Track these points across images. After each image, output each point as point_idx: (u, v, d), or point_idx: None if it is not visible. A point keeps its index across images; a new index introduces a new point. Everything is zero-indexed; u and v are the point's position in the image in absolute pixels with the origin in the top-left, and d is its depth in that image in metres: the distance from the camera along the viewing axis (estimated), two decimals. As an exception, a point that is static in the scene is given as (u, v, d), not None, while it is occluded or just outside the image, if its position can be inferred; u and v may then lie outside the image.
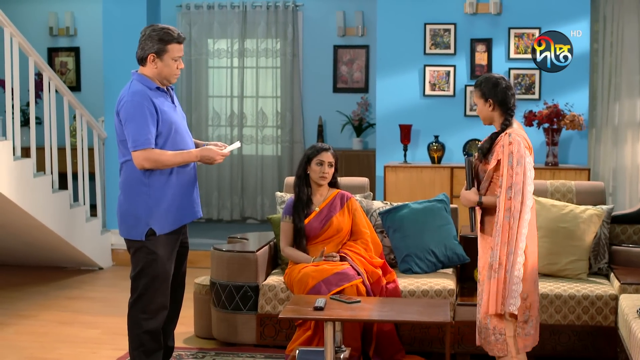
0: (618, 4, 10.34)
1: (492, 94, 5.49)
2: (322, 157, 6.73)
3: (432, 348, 6.60)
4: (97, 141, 10.06)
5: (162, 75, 5.43)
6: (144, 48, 5.43)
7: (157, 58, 5.39)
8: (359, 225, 6.81)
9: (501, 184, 5.33)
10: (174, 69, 5.44)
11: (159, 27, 5.43)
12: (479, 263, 5.60)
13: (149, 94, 5.36)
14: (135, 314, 5.48)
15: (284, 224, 6.81)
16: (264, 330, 6.75)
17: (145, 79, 5.42)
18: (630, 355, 5.64)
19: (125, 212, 5.44)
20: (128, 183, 5.42)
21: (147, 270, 5.42)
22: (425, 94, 9.78)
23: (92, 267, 9.91)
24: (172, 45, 5.40)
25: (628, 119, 10.39)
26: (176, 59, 5.44)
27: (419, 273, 6.97)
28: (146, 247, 5.40)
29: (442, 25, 9.74)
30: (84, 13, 12.70)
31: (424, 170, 9.42)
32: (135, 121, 5.27)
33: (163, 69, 5.41)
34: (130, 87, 5.41)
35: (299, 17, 12.28)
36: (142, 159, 5.27)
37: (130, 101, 5.31)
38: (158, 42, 5.38)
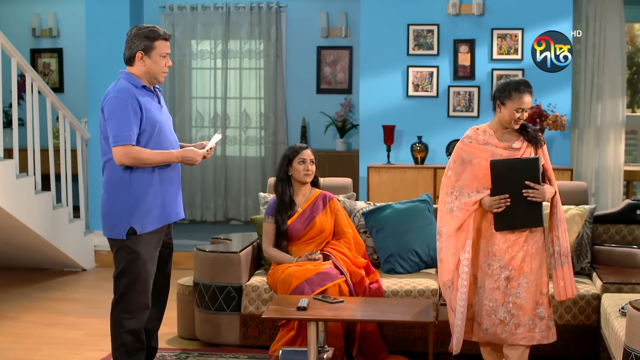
0: (600, 5, 10.39)
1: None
2: (304, 156, 6.78)
3: (415, 348, 6.63)
4: (80, 142, 10.05)
5: (150, 72, 5.45)
6: (131, 47, 5.44)
7: (145, 55, 5.41)
8: (342, 225, 6.84)
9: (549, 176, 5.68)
10: (162, 66, 5.46)
11: (144, 26, 5.46)
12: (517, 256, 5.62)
13: (135, 92, 5.36)
14: (117, 313, 5.48)
15: (266, 224, 6.82)
16: (247, 330, 6.76)
17: (133, 77, 5.43)
18: (612, 354, 5.67)
19: (107, 211, 5.45)
20: (110, 181, 5.41)
21: (129, 270, 5.42)
22: (408, 95, 9.81)
23: (75, 269, 9.89)
24: (159, 42, 5.43)
25: (610, 120, 10.44)
26: (164, 55, 5.46)
27: (402, 273, 7.01)
28: (127, 247, 5.40)
29: (425, 26, 9.77)
30: (66, 14, 12.68)
31: (407, 171, 9.44)
32: (118, 117, 5.27)
33: (151, 66, 5.43)
34: (117, 84, 5.42)
35: (283, 18, 12.29)
36: (122, 154, 5.27)
37: (115, 97, 5.32)
38: (145, 40, 5.40)
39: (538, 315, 5.60)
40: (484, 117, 9.65)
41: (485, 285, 5.64)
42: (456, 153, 5.73)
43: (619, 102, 10.42)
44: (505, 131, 5.71)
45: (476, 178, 5.64)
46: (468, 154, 5.68)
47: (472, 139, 5.71)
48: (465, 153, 5.69)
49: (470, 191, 5.63)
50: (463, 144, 5.72)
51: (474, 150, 5.67)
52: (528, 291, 5.57)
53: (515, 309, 5.58)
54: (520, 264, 5.58)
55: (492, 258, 5.63)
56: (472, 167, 5.66)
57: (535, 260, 5.60)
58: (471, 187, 5.64)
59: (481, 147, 5.67)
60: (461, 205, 5.62)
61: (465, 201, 5.63)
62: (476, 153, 5.66)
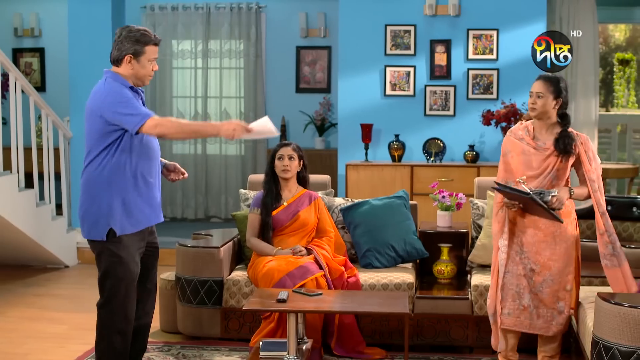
0: (574, 6, 10.57)
1: (564, 94, 5.83)
2: (282, 152, 6.97)
3: (392, 340, 6.77)
4: (63, 141, 10.15)
5: (137, 76, 5.39)
6: (120, 49, 5.36)
7: (133, 59, 5.34)
8: (324, 223, 7.02)
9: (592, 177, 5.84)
10: (149, 70, 5.41)
11: (136, 29, 5.39)
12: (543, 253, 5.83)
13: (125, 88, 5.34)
14: (104, 315, 5.44)
15: (251, 215, 6.99)
16: (228, 323, 6.91)
17: (120, 77, 5.36)
18: (582, 344, 5.85)
19: (85, 212, 5.41)
20: (90, 182, 5.36)
21: (112, 273, 5.38)
22: (386, 94, 9.97)
23: (57, 266, 9.98)
24: (149, 47, 5.37)
25: (584, 119, 10.62)
26: (152, 60, 5.40)
27: (379, 267, 7.16)
28: (108, 249, 5.36)
29: (402, 26, 9.93)
30: (48, 14, 12.75)
31: (384, 169, 9.60)
32: (123, 104, 5.20)
33: (139, 70, 5.37)
34: (106, 83, 5.34)
35: (262, 19, 12.40)
36: (152, 127, 5.17)
37: (111, 92, 5.26)
38: (135, 44, 5.33)
39: (557, 309, 5.82)
40: (460, 116, 9.83)
41: (512, 270, 5.82)
42: (502, 146, 6.00)
43: (592, 101, 10.61)
44: (548, 129, 5.87)
45: (509, 170, 5.88)
46: (506, 146, 5.93)
47: (512, 133, 5.95)
48: (504, 146, 5.95)
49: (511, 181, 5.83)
50: (506, 138, 5.98)
51: (510, 144, 5.91)
52: (551, 288, 5.79)
53: (537, 301, 5.79)
54: (546, 261, 5.80)
55: (521, 248, 5.84)
56: (506, 160, 5.92)
57: (561, 260, 5.82)
58: (504, 178, 5.89)
59: (516, 142, 5.88)
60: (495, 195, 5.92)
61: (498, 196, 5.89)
62: (511, 147, 5.90)
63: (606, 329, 5.06)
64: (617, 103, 17.96)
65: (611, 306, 5.03)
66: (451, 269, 7.22)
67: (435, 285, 7.20)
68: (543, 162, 5.80)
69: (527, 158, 5.84)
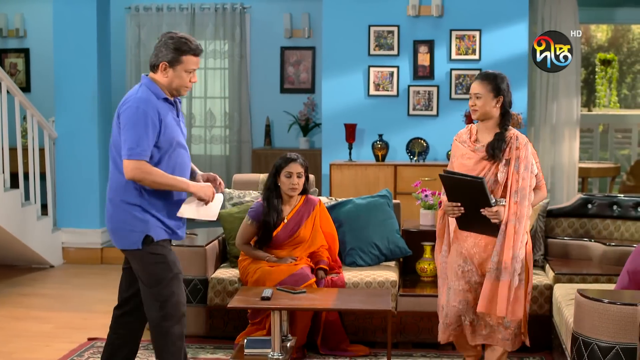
0: (556, 6, 10.64)
1: (505, 92, 5.58)
2: (291, 169, 6.67)
3: (376, 338, 6.84)
4: (48, 141, 10.17)
5: (172, 86, 5.12)
6: (157, 55, 5.10)
7: (169, 67, 5.08)
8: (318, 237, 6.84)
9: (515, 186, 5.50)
10: (186, 81, 5.13)
11: (178, 36, 5.11)
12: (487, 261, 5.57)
13: (156, 104, 5.05)
14: (161, 323, 5.15)
15: (246, 225, 6.80)
16: (213, 322, 6.96)
17: (155, 86, 5.10)
18: (562, 340, 5.92)
19: (117, 222, 5.12)
20: (119, 190, 5.10)
21: (160, 277, 5.12)
22: (369, 94, 10.02)
23: (43, 265, 10.00)
24: (188, 56, 5.09)
25: (565, 118, 10.69)
26: (190, 71, 5.12)
27: (363, 266, 7.22)
28: (149, 254, 5.11)
29: (385, 27, 9.98)
30: (33, 15, 12.75)
31: (368, 168, 9.65)
32: (136, 129, 4.94)
33: (174, 79, 5.10)
34: (139, 92, 5.07)
35: (247, 19, 12.44)
36: (133, 168, 4.94)
37: (136, 107, 4.97)
38: (173, 52, 5.07)
39: (503, 324, 5.58)
40: (443, 116, 9.90)
41: (454, 286, 5.60)
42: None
43: (573, 101, 10.68)
44: (488, 132, 5.62)
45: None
46: (452, 150, 5.79)
47: (457, 136, 5.78)
48: (452, 150, 5.80)
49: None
50: (454, 141, 5.81)
51: (454, 148, 5.75)
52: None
53: (482, 313, 5.56)
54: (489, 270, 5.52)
55: (464, 260, 5.61)
56: (451, 164, 5.75)
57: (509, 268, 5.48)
58: None
59: (459, 145, 5.71)
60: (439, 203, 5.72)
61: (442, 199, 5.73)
62: (454, 151, 5.74)
63: (585, 325, 5.14)
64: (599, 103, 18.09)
65: (590, 302, 5.11)
66: (434, 267, 7.27)
67: (418, 283, 7.27)
68: (476, 165, 5.58)
69: (464, 162, 5.64)
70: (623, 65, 19.82)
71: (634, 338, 4.98)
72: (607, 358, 5.01)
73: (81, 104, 10.12)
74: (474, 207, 5.47)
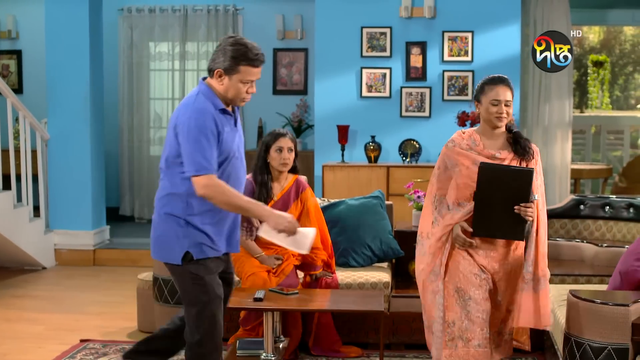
0: (548, 8, 10.66)
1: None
2: (281, 144, 6.56)
3: (368, 339, 6.84)
4: (40, 142, 10.17)
5: (227, 95, 4.81)
6: (215, 60, 4.81)
7: (225, 75, 4.77)
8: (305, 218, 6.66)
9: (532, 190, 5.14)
10: (241, 92, 4.81)
11: (239, 43, 4.81)
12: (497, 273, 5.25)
13: (214, 115, 4.75)
14: (194, 348, 4.91)
15: None
16: (205, 323, 6.95)
17: (213, 95, 4.80)
18: (554, 341, 5.94)
19: (160, 234, 4.88)
20: (165, 199, 4.86)
21: (196, 298, 4.85)
22: (362, 96, 10.04)
23: (35, 267, 9.99)
24: (245, 67, 4.77)
25: (558, 120, 10.71)
26: (246, 82, 4.79)
27: (356, 267, 7.23)
28: (189, 272, 4.84)
29: (378, 28, 10.00)
30: (25, 16, 12.74)
31: (361, 169, 9.66)
32: (198, 143, 4.66)
33: (229, 88, 4.79)
34: (196, 101, 4.77)
35: (239, 21, 12.44)
36: (204, 185, 4.66)
37: (195, 119, 4.68)
38: (230, 60, 4.76)
39: (498, 331, 5.36)
40: (435, 117, 9.91)
41: (475, 296, 5.14)
42: (440, 159, 5.34)
43: (565, 102, 10.70)
44: (494, 137, 5.25)
45: (457, 187, 5.22)
46: (451, 159, 5.26)
47: (456, 143, 5.27)
48: (448, 159, 5.28)
49: (451, 202, 5.23)
50: (447, 149, 5.29)
51: (457, 156, 5.23)
52: (497, 308, 5.28)
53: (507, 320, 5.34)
54: (498, 281, 5.23)
55: (479, 269, 5.18)
56: (454, 174, 5.24)
57: (512, 280, 5.24)
58: (451, 197, 5.24)
59: (464, 152, 5.22)
60: (439, 220, 5.24)
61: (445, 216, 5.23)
62: (459, 159, 5.22)
63: (578, 326, 5.16)
64: (592, 104, 18.12)
65: (583, 303, 5.13)
66: (426, 268, 7.28)
67: (410, 284, 7.27)
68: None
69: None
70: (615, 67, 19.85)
71: (626, 338, 5.00)
72: (599, 358, 5.03)
73: (73, 105, 10.12)
74: (509, 203, 5.05)
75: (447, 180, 5.27)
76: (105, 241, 10.60)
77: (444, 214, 5.25)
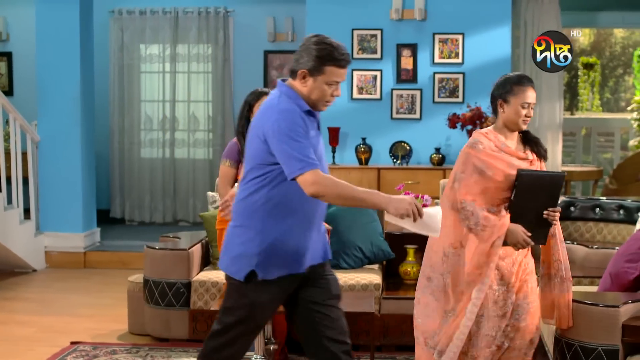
0: (538, 11, 10.69)
1: None
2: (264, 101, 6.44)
3: (359, 340, 6.79)
4: (31, 145, 10.14)
5: (311, 97, 4.47)
6: (298, 60, 4.48)
7: (309, 76, 4.44)
8: None
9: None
10: (326, 94, 4.47)
11: (324, 42, 4.46)
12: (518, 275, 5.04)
13: (300, 115, 4.44)
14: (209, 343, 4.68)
15: (224, 168, 6.44)
16: (196, 325, 6.93)
17: (296, 96, 4.49)
18: (545, 342, 5.94)
19: (230, 243, 4.59)
20: (239, 212, 4.55)
21: (236, 312, 4.55)
22: (352, 98, 10.06)
23: (25, 270, 9.96)
24: (331, 67, 4.42)
25: (548, 121, 10.74)
26: (331, 83, 4.45)
27: (347, 269, 7.22)
28: (242, 290, 4.52)
29: (369, 30, 10.02)
30: (16, 18, 12.70)
31: (351, 171, 9.67)
32: (293, 141, 4.33)
33: (313, 90, 4.46)
34: (279, 102, 4.47)
35: (230, 23, 12.44)
36: (312, 182, 4.28)
37: (284, 119, 4.37)
38: (315, 60, 4.42)
39: (533, 340, 5.08)
40: (426, 119, 9.93)
41: (489, 312, 4.96)
42: (467, 162, 4.98)
43: (556, 104, 10.73)
44: (512, 137, 5.05)
45: (486, 192, 4.96)
46: (482, 162, 4.93)
47: (485, 145, 4.97)
48: (479, 162, 4.93)
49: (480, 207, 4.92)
50: (475, 151, 4.96)
51: (489, 159, 4.94)
52: (529, 313, 5.03)
53: (513, 332, 5.02)
54: (520, 283, 5.02)
55: (498, 282, 4.97)
56: (483, 179, 4.94)
57: (532, 278, 5.08)
58: (479, 202, 4.94)
59: (496, 155, 4.94)
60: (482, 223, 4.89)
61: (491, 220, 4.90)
62: (491, 163, 4.92)
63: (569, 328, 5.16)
64: (582, 107, 18.17)
65: (573, 304, 5.12)
66: (417, 270, 7.26)
67: (401, 286, 7.28)
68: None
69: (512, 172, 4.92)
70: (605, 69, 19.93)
71: (616, 340, 5.01)
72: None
73: (64, 107, 10.10)
74: (540, 208, 4.94)
75: (475, 185, 4.94)
76: (96, 243, 10.59)
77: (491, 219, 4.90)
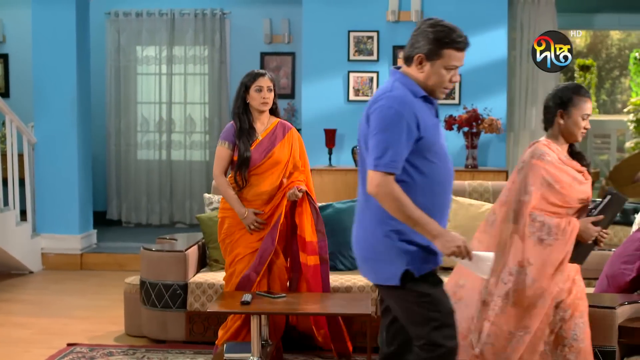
0: (535, 13, 10.70)
1: None
2: (261, 83, 6.39)
3: (356, 343, 6.83)
4: (27, 146, 10.14)
5: (428, 83, 4.26)
6: (413, 45, 4.27)
7: (426, 61, 4.24)
8: (295, 157, 6.58)
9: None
10: (444, 80, 4.27)
11: (441, 25, 4.26)
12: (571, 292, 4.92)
13: (414, 104, 4.23)
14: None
15: (221, 149, 6.44)
16: (193, 327, 6.95)
17: (411, 82, 4.28)
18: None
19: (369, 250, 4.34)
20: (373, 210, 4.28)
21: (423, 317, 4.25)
22: (349, 100, 10.06)
23: (22, 271, 9.96)
24: (449, 50, 4.23)
25: (544, 123, 10.74)
26: (450, 68, 4.25)
27: (343, 270, 7.23)
28: (412, 291, 4.25)
29: (365, 32, 10.02)
30: (12, 20, 12.69)
31: (348, 173, 9.66)
32: (387, 134, 4.13)
33: (431, 76, 4.25)
34: (392, 89, 4.26)
35: (227, 25, 12.45)
36: (377, 184, 4.11)
37: (388, 107, 4.17)
38: (432, 43, 4.22)
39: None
40: (422, 120, 9.92)
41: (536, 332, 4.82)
42: (537, 174, 4.75)
43: (552, 106, 10.73)
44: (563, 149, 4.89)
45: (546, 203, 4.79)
46: (552, 176, 4.75)
47: (552, 157, 4.77)
48: (548, 175, 4.74)
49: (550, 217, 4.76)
50: (544, 163, 4.75)
51: (558, 172, 4.77)
52: (585, 332, 4.85)
53: (573, 354, 4.82)
54: (575, 300, 4.88)
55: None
56: (550, 191, 4.77)
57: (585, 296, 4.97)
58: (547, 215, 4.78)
59: (562, 168, 4.78)
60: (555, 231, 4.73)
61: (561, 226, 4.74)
62: (559, 176, 4.76)
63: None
64: (578, 108, 18.13)
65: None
66: (414, 271, 7.29)
67: (398, 287, 7.26)
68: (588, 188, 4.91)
69: (582, 187, 4.84)
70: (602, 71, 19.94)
71: (612, 341, 5.01)
72: (585, 361, 5.03)
73: (60, 109, 10.10)
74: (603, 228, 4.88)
75: (542, 198, 4.76)
76: (93, 245, 10.58)
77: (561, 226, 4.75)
